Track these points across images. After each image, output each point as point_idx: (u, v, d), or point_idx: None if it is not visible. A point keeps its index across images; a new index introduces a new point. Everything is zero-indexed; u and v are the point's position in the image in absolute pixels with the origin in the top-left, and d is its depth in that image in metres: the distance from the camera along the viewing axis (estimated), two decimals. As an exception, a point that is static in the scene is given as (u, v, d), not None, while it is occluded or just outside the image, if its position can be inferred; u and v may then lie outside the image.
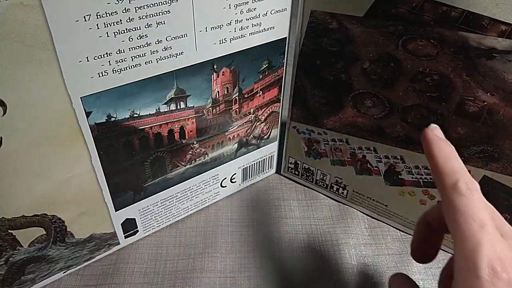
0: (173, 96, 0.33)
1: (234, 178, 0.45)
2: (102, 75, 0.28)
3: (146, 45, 0.29)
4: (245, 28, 0.34)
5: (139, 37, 0.28)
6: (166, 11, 0.28)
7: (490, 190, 0.35)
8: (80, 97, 0.28)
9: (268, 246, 0.41)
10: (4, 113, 0.26)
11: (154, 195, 0.39)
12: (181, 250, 0.41)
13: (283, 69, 0.40)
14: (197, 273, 0.39)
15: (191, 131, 0.37)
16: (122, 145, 0.33)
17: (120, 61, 0.29)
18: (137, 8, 0.27)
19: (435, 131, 0.25)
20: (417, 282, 0.39)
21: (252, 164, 0.46)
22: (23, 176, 0.29)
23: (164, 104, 0.33)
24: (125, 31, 0.27)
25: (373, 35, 0.34)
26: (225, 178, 0.44)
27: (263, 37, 0.36)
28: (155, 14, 0.28)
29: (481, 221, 0.21)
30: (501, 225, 0.22)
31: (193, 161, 0.39)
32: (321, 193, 0.47)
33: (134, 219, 0.39)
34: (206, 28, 0.31)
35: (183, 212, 0.43)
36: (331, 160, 0.44)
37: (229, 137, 0.41)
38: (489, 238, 0.20)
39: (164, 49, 0.30)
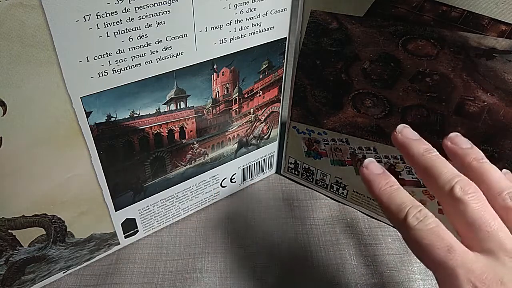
0: (173, 96, 0.33)
1: (234, 178, 0.45)
2: (102, 75, 0.28)
3: (146, 45, 0.29)
4: (245, 28, 0.34)
5: (139, 37, 0.28)
6: (166, 11, 0.28)
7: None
8: (80, 97, 0.28)
9: (268, 246, 0.41)
10: (4, 113, 0.26)
11: (154, 195, 0.39)
12: (181, 250, 0.41)
13: (283, 69, 0.40)
14: (197, 273, 0.39)
15: (191, 131, 0.37)
16: (122, 145, 0.33)
17: (120, 61, 0.29)
18: (137, 8, 0.27)
19: (370, 166, 0.26)
20: (417, 282, 0.39)
21: (252, 164, 0.46)
22: (23, 176, 0.29)
23: (164, 104, 0.33)
24: (125, 31, 0.27)
25: (373, 35, 0.34)
26: (225, 178, 0.44)
27: (263, 37, 0.36)
28: (155, 14, 0.28)
29: (446, 245, 0.21)
30: (475, 230, 0.21)
31: (193, 161, 0.39)
32: (321, 193, 0.47)
33: (134, 219, 0.39)
34: (206, 28, 0.31)
35: (183, 212, 0.43)
36: (331, 160, 0.44)
37: (229, 137, 0.41)
38: (460, 260, 0.20)
39: (164, 49, 0.30)
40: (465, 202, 0.22)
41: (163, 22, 0.29)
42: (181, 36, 0.30)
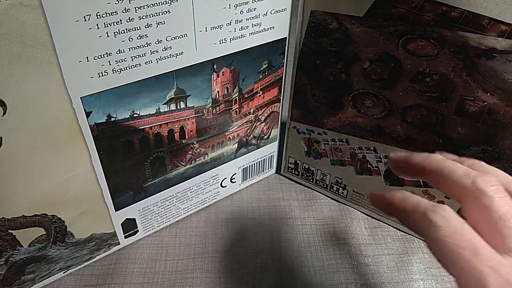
0: (173, 96, 0.33)
1: (234, 178, 0.45)
2: (102, 75, 0.28)
3: (146, 45, 0.29)
4: (245, 28, 0.34)
5: (139, 37, 0.28)
6: (166, 11, 0.28)
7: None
8: (80, 97, 0.28)
9: (268, 246, 0.41)
10: (4, 113, 0.26)
11: (154, 195, 0.39)
12: (181, 250, 0.41)
13: (283, 69, 0.40)
14: (197, 273, 0.39)
15: (191, 131, 0.37)
16: (122, 145, 0.33)
17: (120, 61, 0.29)
18: (137, 8, 0.27)
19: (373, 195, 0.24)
20: (417, 282, 0.39)
21: (252, 164, 0.46)
22: (23, 176, 0.29)
23: (164, 104, 0.33)
24: (125, 31, 0.27)
25: (373, 35, 0.34)
26: (225, 178, 0.44)
27: (263, 37, 0.36)
28: (155, 14, 0.28)
29: (472, 246, 0.18)
30: (502, 227, 0.19)
31: (193, 161, 0.39)
32: (321, 193, 0.47)
33: (134, 219, 0.39)
34: (206, 28, 0.31)
35: (183, 212, 0.43)
36: (331, 160, 0.44)
37: (229, 137, 0.41)
38: (489, 265, 0.18)
39: (164, 49, 0.30)
40: (490, 195, 0.20)
41: (163, 22, 0.29)
42: (181, 36, 0.30)
